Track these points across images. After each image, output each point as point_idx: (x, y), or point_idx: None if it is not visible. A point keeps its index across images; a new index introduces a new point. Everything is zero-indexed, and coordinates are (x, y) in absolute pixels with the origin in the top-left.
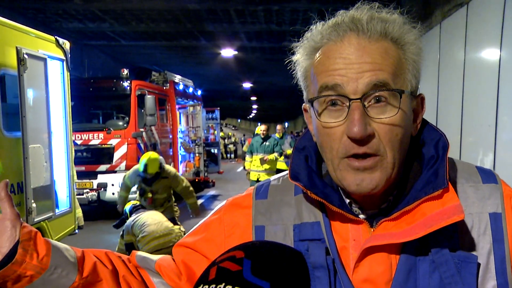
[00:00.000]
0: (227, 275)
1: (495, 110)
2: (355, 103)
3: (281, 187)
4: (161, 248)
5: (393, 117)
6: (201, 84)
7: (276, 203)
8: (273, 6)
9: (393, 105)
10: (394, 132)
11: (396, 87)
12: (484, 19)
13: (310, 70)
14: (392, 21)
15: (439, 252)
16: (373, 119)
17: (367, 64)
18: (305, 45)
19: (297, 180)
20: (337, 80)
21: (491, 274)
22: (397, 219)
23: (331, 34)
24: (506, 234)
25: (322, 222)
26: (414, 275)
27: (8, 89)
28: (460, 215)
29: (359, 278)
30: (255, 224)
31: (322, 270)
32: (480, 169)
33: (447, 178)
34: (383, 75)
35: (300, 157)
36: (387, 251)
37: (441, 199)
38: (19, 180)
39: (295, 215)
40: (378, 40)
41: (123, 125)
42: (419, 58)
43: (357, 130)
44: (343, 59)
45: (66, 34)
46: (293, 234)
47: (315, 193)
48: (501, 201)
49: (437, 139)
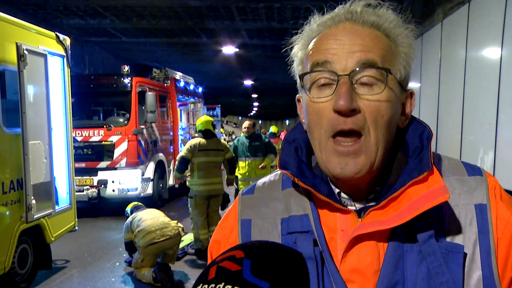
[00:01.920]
0: (226, 275)
1: (495, 108)
2: (343, 78)
3: (268, 183)
4: (157, 241)
5: (379, 94)
6: (202, 81)
7: (263, 198)
8: (275, 3)
9: (379, 84)
10: (380, 111)
11: (384, 66)
12: (485, 18)
13: (304, 58)
14: (385, 16)
15: (426, 242)
16: (360, 96)
17: (357, 45)
18: (302, 37)
19: (285, 168)
20: (328, 57)
21: (477, 265)
22: (385, 207)
23: (327, 22)
24: (491, 225)
25: (310, 214)
26: (401, 265)
27: (8, 85)
28: (445, 196)
29: (347, 268)
30: (242, 217)
31: (310, 262)
32: (466, 164)
33: (431, 162)
34: (372, 56)
35: (290, 148)
36: (375, 239)
37: (426, 181)
38: (19, 176)
39: (283, 209)
40: (371, 28)
41: (123, 122)
42: (410, 52)
43: (342, 102)
44: (336, 40)
45: (67, 31)
46: (281, 227)
47: (303, 181)
48: (486, 192)
49: (421, 130)
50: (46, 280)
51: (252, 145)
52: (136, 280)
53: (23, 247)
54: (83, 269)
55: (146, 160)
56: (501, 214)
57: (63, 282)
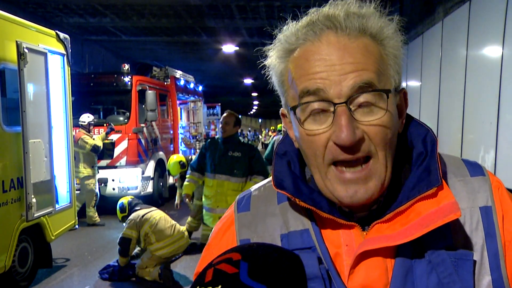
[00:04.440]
0: (223, 278)
1: (496, 107)
2: (340, 107)
3: (263, 197)
4: (175, 254)
5: (381, 118)
6: (202, 79)
7: (259, 215)
8: (275, 1)
9: (380, 107)
10: (384, 133)
11: (381, 86)
12: (486, 17)
13: (286, 74)
14: (369, 15)
15: (435, 252)
16: (360, 122)
17: (349, 64)
18: (278, 48)
19: (282, 188)
20: (318, 84)
21: (486, 270)
22: (390, 221)
23: (307, 33)
24: (497, 227)
25: (311, 229)
26: (411, 278)
27: (8, 83)
28: (456, 213)
29: (355, 284)
30: (240, 238)
31: (317, 281)
32: (466, 162)
33: (440, 175)
34: (368, 75)
35: (283, 164)
36: (382, 254)
37: (436, 197)
38: (19, 175)
39: (281, 225)
40: (358, 37)
41: (123, 120)
42: (399, 52)
43: (345, 136)
44: (323, 60)
45: (67, 29)
46: (281, 244)
47: (303, 201)
48: (490, 194)
49: (424, 134)
50: (47, 279)
51: (228, 155)
52: (137, 278)
53: (23, 246)
54: (84, 267)
55: (146, 158)
56: (507, 215)
57: (64, 280)
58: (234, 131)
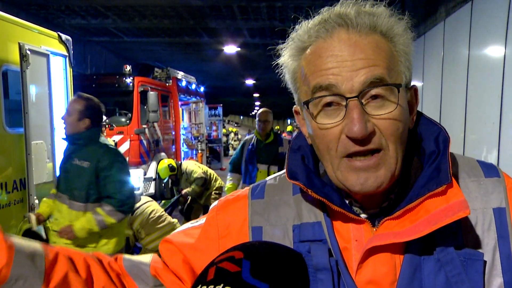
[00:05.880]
0: (225, 276)
1: (499, 107)
2: (352, 101)
3: (278, 186)
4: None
5: (393, 112)
6: (204, 80)
7: (274, 203)
8: (277, 2)
9: (391, 101)
10: (395, 127)
11: (392, 81)
12: (488, 16)
13: (299, 71)
14: (379, 14)
15: (444, 250)
16: (372, 116)
17: (360, 60)
18: (292, 46)
19: (295, 179)
20: (331, 80)
21: (497, 271)
22: (400, 218)
23: (319, 31)
24: (510, 229)
25: (323, 222)
26: (419, 275)
27: (10, 85)
28: (465, 211)
29: (363, 279)
30: (252, 225)
31: (325, 272)
32: (482, 163)
33: (451, 173)
34: (378, 71)
35: (297, 157)
36: (391, 251)
37: (445, 195)
38: (22, 176)
39: (294, 215)
40: (368, 34)
41: (125, 121)
42: (409, 49)
43: (357, 130)
44: (335, 56)
45: (69, 30)
46: (293, 235)
47: (315, 192)
48: (504, 195)
49: (436, 133)
50: None
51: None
52: None
53: None
54: None
55: (148, 159)
56: None
57: None
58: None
